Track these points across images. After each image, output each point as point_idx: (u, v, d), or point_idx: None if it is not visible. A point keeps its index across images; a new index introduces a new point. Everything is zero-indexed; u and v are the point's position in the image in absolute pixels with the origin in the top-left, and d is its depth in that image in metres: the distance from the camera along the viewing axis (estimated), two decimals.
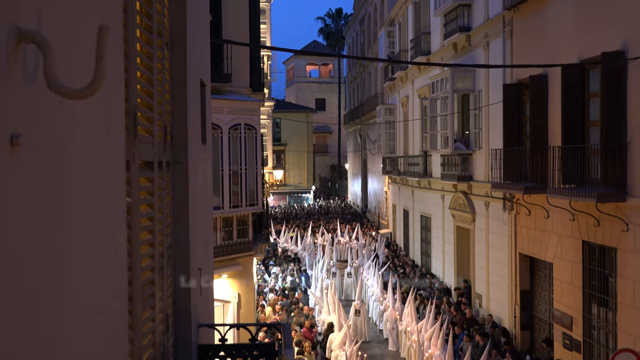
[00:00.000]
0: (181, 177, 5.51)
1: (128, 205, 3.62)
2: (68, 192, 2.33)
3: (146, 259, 4.22)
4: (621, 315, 13.66)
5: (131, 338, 3.72)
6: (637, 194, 12.88)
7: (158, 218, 4.63)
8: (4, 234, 1.77)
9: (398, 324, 21.68)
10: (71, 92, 1.92)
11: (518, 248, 18.95)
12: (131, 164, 3.74)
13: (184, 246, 5.55)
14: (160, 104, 4.78)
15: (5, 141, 1.75)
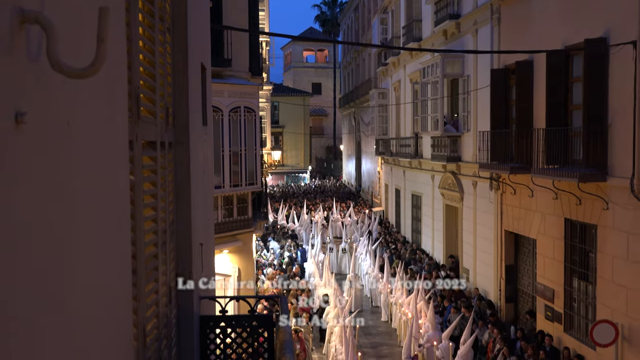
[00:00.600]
0: (183, 157, 5.49)
1: (131, 183, 3.60)
2: (72, 169, 2.31)
3: (149, 234, 4.21)
4: (600, 289, 13.74)
5: (135, 309, 3.72)
6: (617, 174, 12.89)
7: (161, 195, 4.61)
8: (11, 210, 1.75)
9: (389, 297, 21.80)
10: (73, 71, 1.89)
11: (504, 225, 19.00)
12: (134, 144, 3.71)
13: (186, 222, 5.54)
14: (162, 86, 4.74)
15: (10, 119, 1.72)
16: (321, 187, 56.55)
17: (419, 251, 27.64)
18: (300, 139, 64.95)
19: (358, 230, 31.75)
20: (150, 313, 4.24)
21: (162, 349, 4.62)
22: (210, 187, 7.88)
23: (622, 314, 12.79)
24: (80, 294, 2.46)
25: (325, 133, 72.01)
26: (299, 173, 65.83)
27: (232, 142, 18.05)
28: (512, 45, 17.59)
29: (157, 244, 4.44)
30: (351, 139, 56.13)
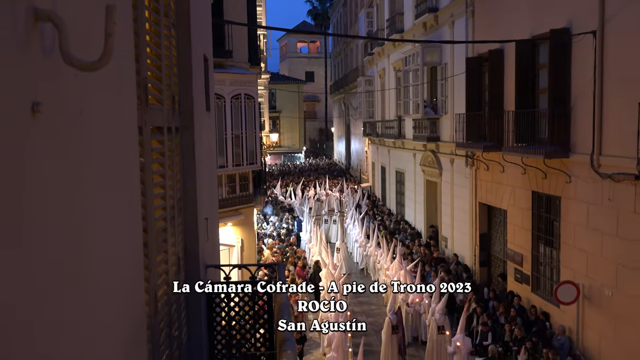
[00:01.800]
0: (188, 140, 5.46)
1: (141, 165, 3.58)
2: (86, 152, 2.29)
3: (159, 210, 4.19)
4: (563, 253, 13.84)
5: (147, 277, 3.72)
6: (578, 151, 12.93)
7: (168, 175, 4.59)
8: (31, 191, 1.73)
9: (375, 261, 21.92)
10: (84, 64, 1.86)
11: (478, 198, 19.06)
12: (143, 129, 3.68)
13: (192, 199, 5.52)
14: (168, 76, 4.70)
15: (27, 109, 1.70)
16: (314, 165, 56.49)
17: (402, 222, 27.75)
18: (295, 122, 64.79)
19: (348, 203, 31.88)
20: (161, 281, 4.24)
21: (172, 313, 4.63)
22: (213, 167, 7.85)
23: (583, 275, 12.91)
24: (96, 265, 2.46)
25: (317, 117, 71.80)
26: (294, 153, 65.70)
27: (234, 126, 17.99)
28: (485, 36, 17.51)
29: (166, 218, 4.42)
30: (341, 122, 55.97)
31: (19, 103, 1.65)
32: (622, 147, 11.27)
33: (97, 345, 2.47)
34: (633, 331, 11.24)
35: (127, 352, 2.96)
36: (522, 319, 14.40)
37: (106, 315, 2.61)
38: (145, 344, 3.53)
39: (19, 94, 1.66)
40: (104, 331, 2.58)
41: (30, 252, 1.74)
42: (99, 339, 2.49)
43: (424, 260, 20.14)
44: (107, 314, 2.64)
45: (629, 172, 10.99)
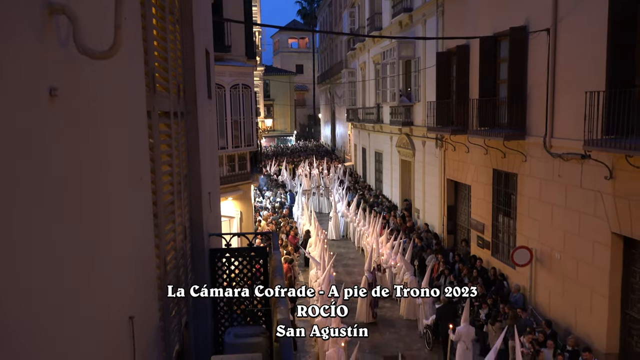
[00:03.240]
0: (192, 124, 5.40)
1: (150, 145, 3.53)
2: (100, 133, 2.25)
3: (167, 185, 4.15)
4: (519, 222, 13.94)
5: (157, 244, 3.70)
6: (533, 133, 12.96)
7: (175, 155, 4.54)
8: (51, 170, 1.70)
9: (356, 229, 22.02)
10: (96, 53, 1.82)
11: (446, 175, 19.11)
12: (152, 113, 3.63)
13: (196, 176, 5.48)
14: (174, 67, 4.62)
15: (45, 93, 1.66)
16: (304, 147, 56.31)
17: (380, 196, 27.81)
18: (287, 109, 64.45)
19: (333, 179, 31.92)
20: (170, 247, 4.22)
21: (180, 275, 4.62)
22: (215, 148, 7.79)
23: (536, 241, 13.03)
24: (112, 233, 2.43)
25: (306, 104, 71.32)
26: (286, 136, 65.40)
27: (233, 112, 17.85)
28: (453, 33, 17.40)
29: (174, 193, 4.39)
30: (327, 108, 55.69)
31: (37, 88, 1.61)
32: (570, 130, 11.31)
33: (114, 303, 2.46)
34: (577, 288, 11.39)
35: (140, 309, 2.94)
36: (483, 279, 14.55)
37: (122, 277, 2.60)
38: (156, 302, 3.52)
39: (38, 79, 1.61)
40: (120, 290, 2.56)
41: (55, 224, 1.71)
42: (115, 297, 2.48)
43: (399, 229, 20.24)
44: (123, 276, 2.62)
45: (576, 152, 11.05)
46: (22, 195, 1.48)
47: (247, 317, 6.16)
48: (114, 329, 2.43)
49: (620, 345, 10.43)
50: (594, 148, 9.90)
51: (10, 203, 1.43)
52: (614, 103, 9.41)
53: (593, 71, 10.41)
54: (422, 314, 14.07)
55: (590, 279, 10.96)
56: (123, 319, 2.55)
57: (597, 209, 10.65)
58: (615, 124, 9.40)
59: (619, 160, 9.89)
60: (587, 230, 11.01)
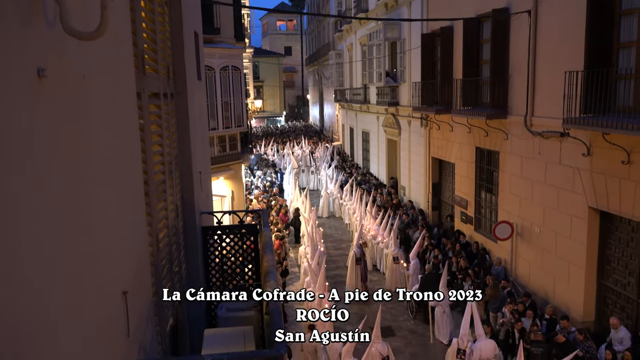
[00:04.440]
0: (182, 105, 5.35)
1: (141, 126, 3.50)
2: (90, 113, 2.22)
3: (158, 165, 4.13)
4: (501, 198, 14.07)
5: (149, 222, 3.69)
6: (514, 112, 13.01)
7: (165, 135, 4.51)
8: (42, 151, 1.68)
9: (344, 206, 22.12)
10: (83, 35, 1.79)
11: (431, 153, 19.18)
12: (142, 94, 3.59)
13: (187, 156, 5.45)
14: (163, 48, 4.56)
15: (33, 74, 1.64)
16: (293, 127, 56.11)
17: (368, 174, 27.88)
18: (276, 90, 64.00)
19: (322, 158, 31.95)
20: (162, 225, 4.21)
21: (172, 252, 4.63)
22: (205, 128, 7.74)
23: (516, 216, 13.18)
24: (103, 211, 2.42)
25: (295, 85, 70.86)
26: (275, 117, 65.08)
27: (223, 94, 17.70)
28: (437, 14, 17.30)
29: (165, 172, 4.37)
30: (315, 89, 55.39)
31: (26, 69, 1.59)
32: (550, 109, 11.36)
33: (108, 279, 2.46)
34: (556, 260, 11.57)
35: (134, 284, 2.95)
36: (466, 253, 14.73)
37: (116, 254, 2.60)
38: (149, 278, 3.53)
39: (25, 60, 1.59)
40: (113, 266, 2.56)
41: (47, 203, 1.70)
42: (108, 273, 2.48)
43: (385, 206, 20.36)
44: (117, 253, 2.62)
45: (556, 130, 11.12)
46: (11, 177, 1.47)
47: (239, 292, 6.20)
48: (108, 304, 2.44)
49: (595, 314, 10.66)
50: (572, 126, 9.97)
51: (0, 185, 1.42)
52: (592, 82, 9.45)
53: (572, 51, 10.43)
54: (406, 285, 14.31)
55: (568, 251, 11.13)
56: (117, 294, 2.56)
57: (575, 184, 10.77)
58: (593, 102, 9.46)
59: (596, 138, 9.98)
60: (566, 205, 11.14)
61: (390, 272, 15.44)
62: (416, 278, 14.11)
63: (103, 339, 2.35)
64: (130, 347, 2.77)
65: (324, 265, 12.40)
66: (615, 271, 10.19)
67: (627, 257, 9.90)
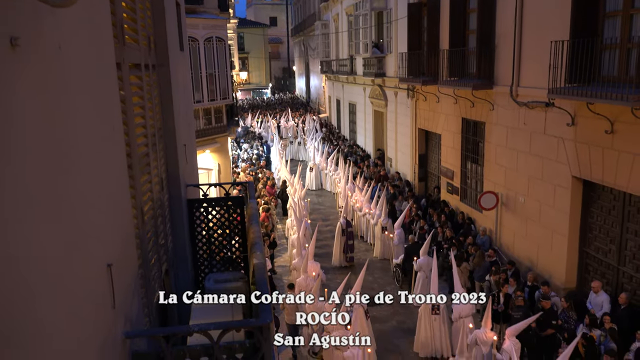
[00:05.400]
0: (165, 76, 5.27)
1: (122, 97, 3.45)
2: (67, 84, 2.18)
3: (140, 137, 4.08)
4: (486, 169, 14.17)
5: (133, 195, 3.67)
6: (500, 83, 13.01)
7: (148, 107, 4.45)
8: (18, 122, 1.65)
9: (331, 178, 22.18)
10: (56, 2, 1.74)
11: (417, 124, 19.18)
12: (122, 65, 3.53)
13: (171, 128, 5.40)
14: (143, 18, 4.46)
15: (6, 43, 1.59)
16: (280, 99, 55.68)
17: (355, 146, 27.88)
18: (261, 62, 63.22)
19: (310, 130, 31.88)
20: (146, 198, 4.19)
21: (158, 224, 4.62)
22: (190, 100, 7.65)
23: (501, 186, 13.31)
24: (84, 183, 2.39)
25: (281, 57, 69.98)
26: (262, 89, 64.46)
27: (207, 66, 17.46)
28: None
29: (148, 145, 4.33)
30: (301, 61, 54.80)
31: None
32: (536, 79, 11.37)
33: (91, 251, 2.45)
34: (539, 229, 11.75)
35: (119, 257, 2.95)
36: (452, 223, 14.90)
37: (97, 226, 2.58)
38: (135, 250, 3.53)
39: None
40: (97, 239, 2.55)
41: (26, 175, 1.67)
42: (92, 245, 2.47)
43: (372, 178, 20.43)
44: (98, 225, 2.60)
45: (541, 100, 11.15)
46: None
47: (227, 264, 6.23)
48: (92, 276, 2.43)
49: (577, 281, 10.90)
50: (557, 96, 10.00)
51: None
52: (578, 52, 9.45)
53: (558, 21, 10.39)
54: (393, 254, 14.53)
55: (551, 220, 11.29)
56: (101, 267, 2.55)
57: (559, 154, 10.87)
58: (578, 72, 9.48)
59: (580, 108, 10.03)
60: (550, 174, 11.26)
61: (379, 242, 15.63)
62: (401, 248, 14.31)
63: (88, 310, 2.35)
64: (116, 318, 2.78)
65: (314, 237, 12.48)
66: (597, 239, 10.39)
67: (608, 225, 10.08)
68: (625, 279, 9.70)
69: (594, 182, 10.15)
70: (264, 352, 3.04)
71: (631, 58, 8.88)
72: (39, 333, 1.81)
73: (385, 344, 11.09)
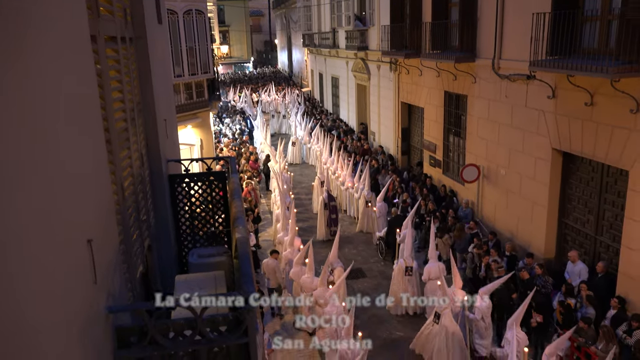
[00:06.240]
0: (143, 50, 5.16)
1: (98, 71, 3.38)
2: (38, 56, 2.12)
3: (119, 112, 4.02)
4: (468, 142, 14.26)
5: (112, 170, 3.63)
6: (483, 56, 13.01)
7: (126, 81, 4.37)
8: None
9: (314, 151, 22.18)
10: None
11: (400, 98, 19.17)
12: (97, 38, 3.45)
13: (150, 103, 5.31)
14: None
15: None
16: (262, 73, 55.08)
17: (338, 120, 27.80)
18: (242, 35, 62.24)
19: (292, 104, 31.72)
20: (126, 173, 4.15)
21: (139, 200, 4.58)
22: (169, 75, 7.51)
23: (483, 158, 13.42)
24: (61, 156, 2.36)
25: (262, 30, 68.98)
26: (243, 63, 63.64)
27: (187, 39, 17.14)
28: None
29: (127, 119, 4.26)
30: (283, 34, 54.08)
31: None
32: (518, 52, 11.38)
33: (70, 227, 2.43)
34: (520, 201, 11.93)
35: (99, 233, 2.93)
36: (434, 196, 15.03)
37: (75, 202, 2.55)
38: (115, 226, 3.51)
39: None
40: (75, 214, 2.53)
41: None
42: (70, 221, 2.45)
43: (355, 152, 20.46)
44: (77, 201, 2.57)
45: (522, 73, 11.20)
46: None
47: (210, 239, 6.23)
48: (72, 252, 2.42)
49: (556, 251, 11.13)
50: (538, 68, 10.05)
51: None
52: (559, 24, 9.47)
53: None
54: (375, 227, 14.67)
55: (531, 192, 11.46)
56: (81, 242, 2.54)
57: (540, 126, 10.97)
58: (559, 44, 9.51)
59: (561, 80, 10.10)
60: (530, 147, 11.38)
61: (362, 215, 15.74)
62: (384, 221, 14.44)
63: (68, 286, 2.34)
64: (97, 293, 2.77)
65: (293, 211, 12.54)
66: (576, 209, 10.58)
67: (586, 196, 10.27)
68: (603, 248, 9.94)
69: (573, 154, 10.28)
70: (247, 325, 3.07)
71: (611, 30, 8.93)
72: (18, 310, 1.81)
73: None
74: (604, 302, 8.89)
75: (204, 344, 3.07)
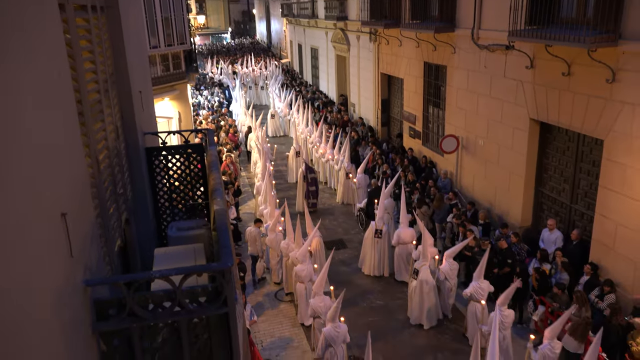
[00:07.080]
0: (115, 19, 5.03)
1: (67, 41, 3.29)
2: (2, 25, 2.06)
3: (91, 83, 3.94)
4: (447, 113, 14.32)
5: (86, 143, 3.58)
6: (462, 26, 12.96)
7: (98, 52, 4.27)
8: None
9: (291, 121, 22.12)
10: None
11: (380, 69, 19.08)
12: (66, 6, 3.35)
13: (124, 74, 5.21)
14: None
15: None
16: (240, 45, 54.23)
17: (317, 92, 27.63)
18: (220, 4, 61.02)
19: (271, 76, 31.37)
20: (101, 146, 4.09)
21: (115, 173, 4.53)
22: (144, 45, 7.36)
23: (462, 129, 13.51)
24: (32, 129, 2.31)
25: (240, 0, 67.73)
26: (221, 34, 62.53)
27: (162, 9, 16.71)
28: None
29: (100, 91, 4.18)
30: (261, 3, 53.13)
31: None
32: (497, 22, 11.37)
33: (43, 201, 2.40)
34: (498, 171, 12.08)
35: (73, 206, 2.90)
36: (414, 167, 15.13)
37: (48, 175, 2.52)
38: (91, 199, 3.47)
39: None
40: (48, 188, 2.49)
41: None
42: (44, 196, 2.42)
43: (335, 123, 20.41)
44: (49, 174, 2.54)
45: (501, 43, 11.20)
46: None
47: (189, 212, 6.21)
48: (46, 226, 2.39)
49: (532, 219, 11.36)
50: (517, 38, 10.06)
51: None
52: None
53: None
54: (356, 199, 14.78)
55: (509, 162, 11.61)
56: (55, 216, 2.51)
57: (518, 97, 11.05)
58: (538, 14, 9.52)
59: (539, 50, 10.14)
60: (509, 117, 11.47)
61: (342, 187, 15.82)
62: (364, 192, 14.54)
63: (43, 260, 2.33)
64: (74, 267, 2.76)
65: (272, 182, 12.58)
66: (552, 179, 10.77)
67: (562, 166, 10.44)
68: (577, 217, 10.17)
69: (550, 124, 10.41)
70: (226, 295, 3.10)
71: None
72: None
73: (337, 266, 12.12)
74: (578, 269, 9.14)
75: (183, 315, 3.09)
